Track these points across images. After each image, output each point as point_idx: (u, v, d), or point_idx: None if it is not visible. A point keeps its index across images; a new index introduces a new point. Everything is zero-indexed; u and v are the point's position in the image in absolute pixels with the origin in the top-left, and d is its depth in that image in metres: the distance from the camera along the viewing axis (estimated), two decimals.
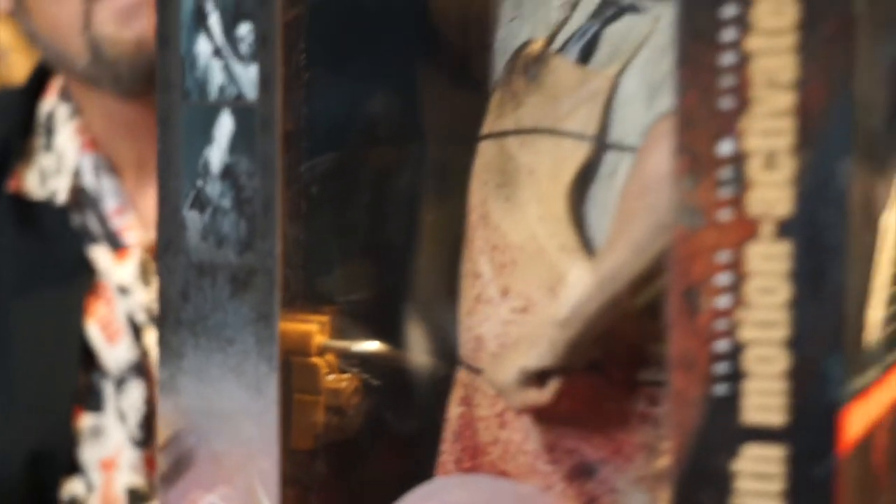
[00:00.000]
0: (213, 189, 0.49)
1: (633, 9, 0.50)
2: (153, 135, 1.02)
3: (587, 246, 0.47)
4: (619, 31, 0.50)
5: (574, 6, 0.52)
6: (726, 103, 0.40)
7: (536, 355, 0.45)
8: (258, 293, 0.48)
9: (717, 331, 0.40)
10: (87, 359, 0.91)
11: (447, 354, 0.53)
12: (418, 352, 0.53)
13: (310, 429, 0.51)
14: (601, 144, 0.48)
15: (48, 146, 0.98)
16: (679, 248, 0.40)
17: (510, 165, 0.50)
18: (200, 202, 0.50)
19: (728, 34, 0.39)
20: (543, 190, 0.48)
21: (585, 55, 0.50)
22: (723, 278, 0.40)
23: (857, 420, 0.40)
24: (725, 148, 0.40)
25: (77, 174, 0.95)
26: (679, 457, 0.40)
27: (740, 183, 0.40)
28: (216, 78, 0.49)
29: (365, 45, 0.54)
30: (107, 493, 0.91)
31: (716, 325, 0.40)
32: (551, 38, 0.51)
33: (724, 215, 0.40)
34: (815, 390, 0.39)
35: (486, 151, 0.51)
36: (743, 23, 0.39)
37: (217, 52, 0.49)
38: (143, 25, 0.88)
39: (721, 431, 0.40)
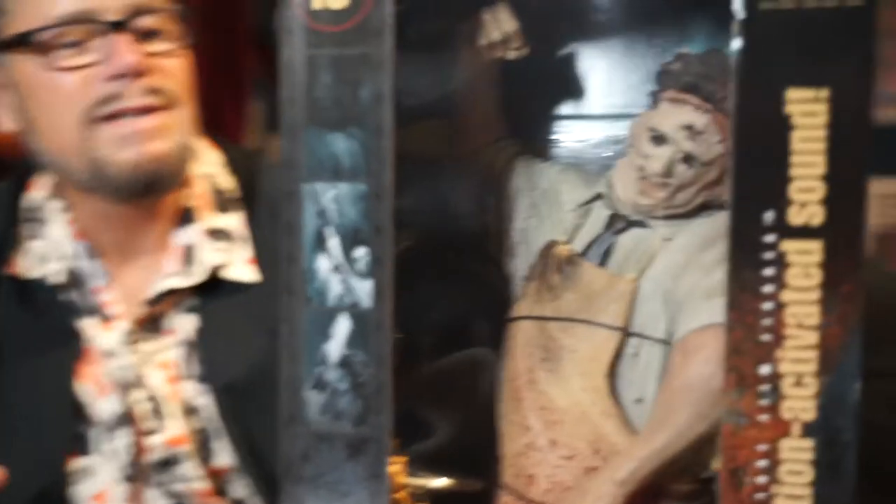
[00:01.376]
0: (332, 375, 0.52)
1: (639, 224, 0.56)
2: (135, 224, 0.96)
3: (621, 412, 0.53)
4: (630, 241, 0.55)
5: (586, 214, 0.58)
6: (766, 338, 0.46)
7: None
8: (371, 457, 0.52)
9: (756, 500, 0.46)
10: (78, 412, 0.92)
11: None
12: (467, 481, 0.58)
13: None
14: (626, 333, 0.54)
15: (38, 235, 0.98)
16: (728, 440, 0.47)
17: (553, 344, 0.55)
18: (320, 384, 0.53)
19: (768, 288, 0.46)
20: (585, 367, 0.54)
21: (605, 258, 0.56)
22: (761, 463, 0.46)
23: None
24: (765, 370, 0.46)
25: (69, 258, 0.95)
26: None
27: (776, 396, 0.46)
28: (335, 288, 0.52)
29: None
30: None
31: (756, 497, 0.47)
32: (570, 240, 0.57)
33: (763, 418, 0.46)
34: None
35: (526, 330, 0.56)
36: (780, 281, 0.46)
37: (336, 269, 0.52)
38: (141, 149, 0.88)
39: None
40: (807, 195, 0.45)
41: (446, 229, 0.60)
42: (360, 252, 0.51)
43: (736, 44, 0.45)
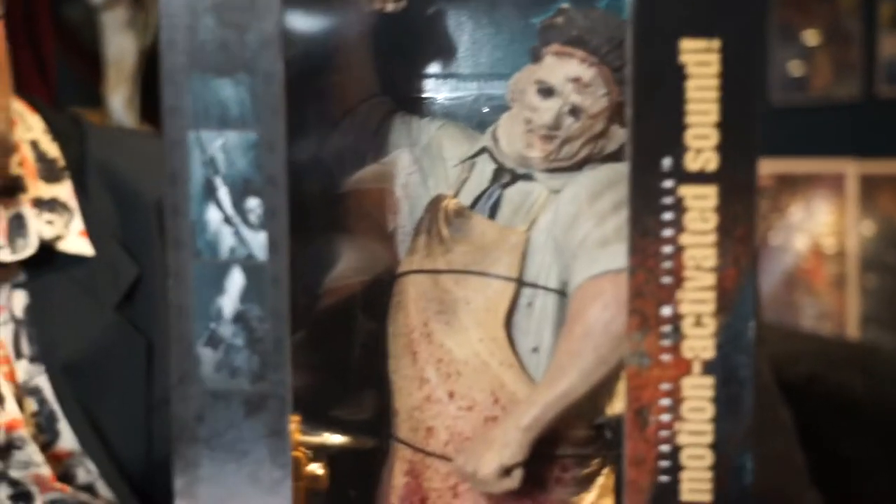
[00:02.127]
0: (226, 331, 0.51)
1: (525, 177, 0.57)
2: None
3: (519, 360, 0.54)
4: (517, 194, 0.56)
5: (470, 168, 0.58)
6: (666, 280, 0.48)
7: (510, 454, 0.52)
8: (271, 414, 0.51)
9: (661, 437, 0.49)
10: None
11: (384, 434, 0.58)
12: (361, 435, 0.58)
13: None
14: (520, 283, 0.55)
15: None
16: (632, 381, 0.49)
17: (448, 297, 0.55)
18: (214, 341, 0.51)
19: (667, 232, 0.48)
20: (481, 318, 0.55)
21: (493, 211, 0.57)
22: (664, 402, 0.49)
23: None
24: (666, 311, 0.48)
25: None
26: None
27: (677, 336, 0.48)
28: (227, 241, 0.51)
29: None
30: None
31: (660, 434, 0.49)
32: (456, 195, 0.58)
33: (666, 358, 0.48)
34: (732, 478, 0.48)
35: (418, 284, 0.57)
36: (678, 225, 0.48)
37: (227, 220, 0.51)
38: None
39: None
40: (702, 142, 0.47)
41: (327, 186, 0.59)
42: (253, 203, 0.50)
43: None
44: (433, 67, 0.63)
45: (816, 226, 2.67)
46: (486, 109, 0.60)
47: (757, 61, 0.47)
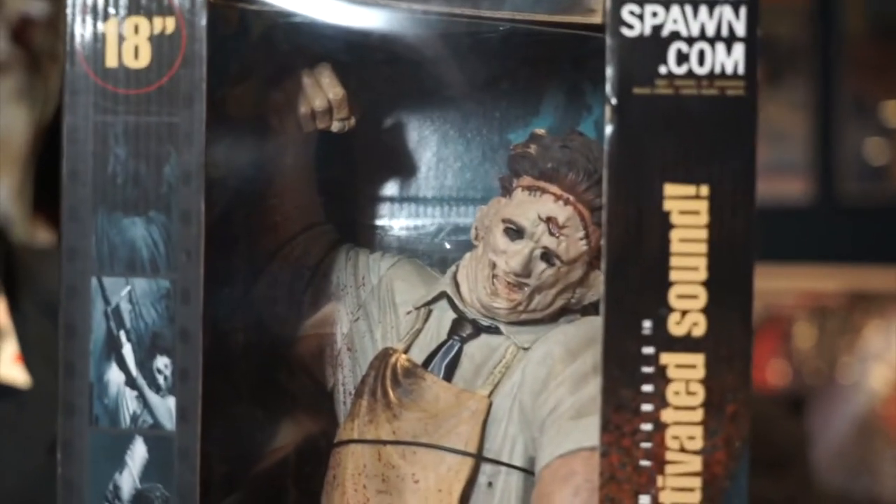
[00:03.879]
0: None
1: (490, 330, 0.51)
2: None
3: None
4: (479, 350, 0.51)
5: (426, 317, 0.53)
6: (645, 463, 0.42)
7: None
8: None
9: None
10: None
11: None
12: None
13: None
14: (479, 458, 0.49)
15: None
16: None
17: (392, 473, 0.49)
18: None
19: (646, 406, 0.42)
20: (432, 500, 0.48)
21: (450, 370, 0.51)
22: None
23: None
24: (644, 501, 0.42)
25: None
26: None
27: None
28: (130, 406, 0.45)
29: None
30: None
31: None
32: (408, 349, 0.52)
33: None
34: None
35: (358, 456, 0.50)
36: (660, 398, 0.42)
37: (131, 383, 0.44)
38: None
39: None
40: (687, 302, 0.42)
41: (254, 338, 0.53)
42: (162, 362, 0.44)
43: (609, 130, 0.42)
44: (388, 189, 0.58)
45: None
46: (448, 245, 0.55)
47: (748, 209, 0.42)
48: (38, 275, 0.84)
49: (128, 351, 0.45)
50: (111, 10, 0.45)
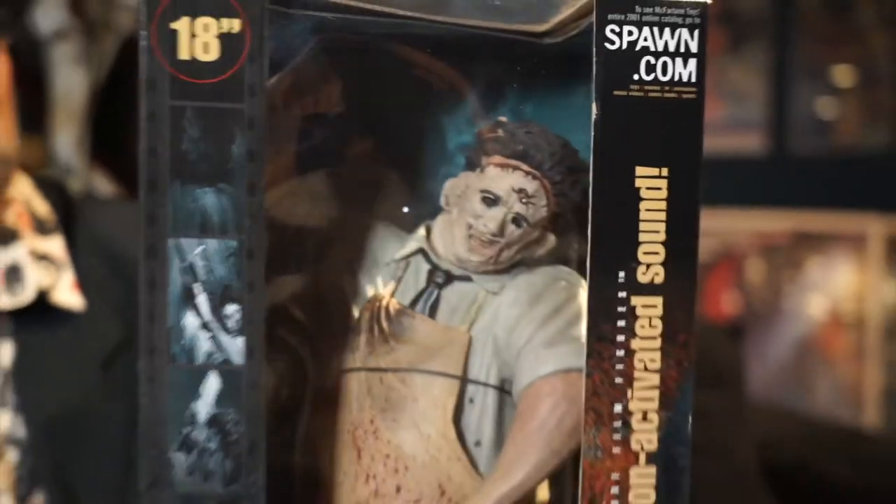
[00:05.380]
0: (200, 434, 0.54)
1: (462, 278, 0.64)
2: None
3: (467, 454, 0.61)
4: (454, 295, 0.64)
5: (405, 268, 0.64)
6: (619, 380, 0.56)
7: None
8: None
9: None
10: None
11: None
12: None
13: None
14: (465, 380, 0.61)
15: None
16: (587, 472, 0.56)
17: (394, 395, 0.61)
18: (187, 445, 0.54)
19: (620, 337, 0.56)
20: (429, 415, 0.61)
21: (432, 311, 0.63)
22: (614, 490, 0.57)
23: None
24: (618, 408, 0.56)
25: None
26: None
27: (627, 430, 0.57)
28: (203, 346, 0.54)
29: None
30: None
31: None
32: (394, 294, 0.64)
33: (617, 450, 0.57)
34: None
35: (362, 381, 0.62)
36: (630, 331, 0.56)
37: (205, 326, 0.54)
38: None
39: None
40: (651, 258, 0.56)
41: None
42: (231, 309, 0.54)
43: (595, 125, 0.55)
44: None
45: (835, 289, 2.48)
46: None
47: (696, 187, 0.56)
48: (94, 220, 0.93)
49: (202, 300, 0.55)
50: (183, 12, 0.54)
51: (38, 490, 0.87)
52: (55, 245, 0.94)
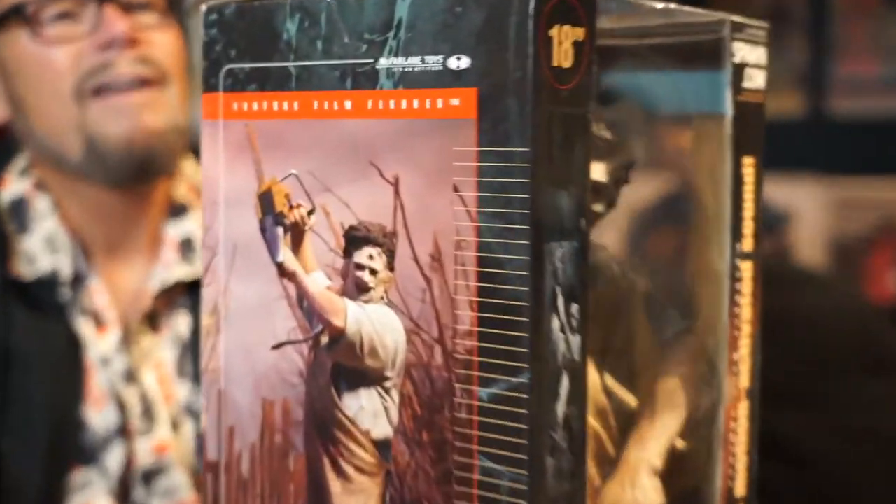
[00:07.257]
0: (559, 436, 0.54)
1: None
2: (126, 216, 1.03)
3: None
4: None
5: None
6: None
7: None
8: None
9: None
10: (79, 425, 0.96)
11: None
12: None
13: None
14: None
15: (24, 230, 1.00)
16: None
17: None
18: (552, 449, 0.53)
19: None
20: None
21: None
22: None
23: None
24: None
25: (67, 257, 0.98)
26: None
27: None
28: (561, 347, 0.54)
29: None
30: None
31: None
32: None
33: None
34: None
35: None
36: None
37: (561, 328, 0.54)
38: (134, 122, 0.93)
39: None
40: None
41: None
42: (575, 308, 0.56)
43: None
44: None
45: None
46: None
47: None
48: None
49: (560, 302, 0.54)
50: (553, 21, 0.53)
51: None
52: None
